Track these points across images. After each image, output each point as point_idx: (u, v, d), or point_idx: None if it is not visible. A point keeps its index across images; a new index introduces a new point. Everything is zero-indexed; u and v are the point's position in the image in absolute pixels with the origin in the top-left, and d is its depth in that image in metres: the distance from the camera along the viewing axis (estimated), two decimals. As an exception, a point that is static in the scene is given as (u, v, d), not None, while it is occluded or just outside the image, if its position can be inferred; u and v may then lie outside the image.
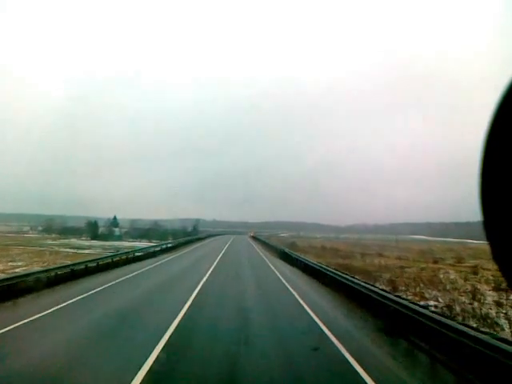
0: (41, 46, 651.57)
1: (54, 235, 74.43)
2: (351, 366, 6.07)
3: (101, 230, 73.01)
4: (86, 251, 40.65)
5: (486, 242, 0.78)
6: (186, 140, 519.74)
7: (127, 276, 17.37)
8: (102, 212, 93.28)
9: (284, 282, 16.59)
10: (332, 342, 7.38)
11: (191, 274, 18.60)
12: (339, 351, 6.83)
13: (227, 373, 5.68)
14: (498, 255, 0.76)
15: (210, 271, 19.34)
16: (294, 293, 13.48)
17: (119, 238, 67.13)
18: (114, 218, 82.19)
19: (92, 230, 69.07)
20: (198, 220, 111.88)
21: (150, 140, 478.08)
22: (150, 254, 29.76)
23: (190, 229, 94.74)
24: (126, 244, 54.99)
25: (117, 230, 72.22)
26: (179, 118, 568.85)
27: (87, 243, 56.45)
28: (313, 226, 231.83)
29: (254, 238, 76.89)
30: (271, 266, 23.29)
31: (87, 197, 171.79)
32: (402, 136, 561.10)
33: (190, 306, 10.40)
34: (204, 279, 16.23)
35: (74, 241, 61.13)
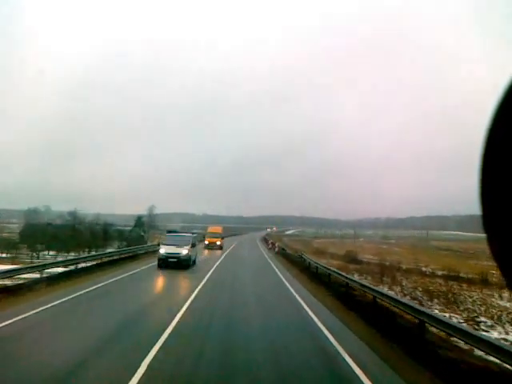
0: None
1: None
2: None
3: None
4: None
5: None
6: (173, 126, 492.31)
7: None
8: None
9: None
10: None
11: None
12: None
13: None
14: (497, 253, 0.70)
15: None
16: None
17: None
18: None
19: None
20: (147, 214, 67.87)
21: (133, 127, 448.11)
22: None
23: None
24: None
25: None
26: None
27: None
28: (316, 221, 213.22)
29: (267, 242, 51.10)
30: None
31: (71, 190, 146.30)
32: (415, 128, 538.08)
33: None
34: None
35: None
